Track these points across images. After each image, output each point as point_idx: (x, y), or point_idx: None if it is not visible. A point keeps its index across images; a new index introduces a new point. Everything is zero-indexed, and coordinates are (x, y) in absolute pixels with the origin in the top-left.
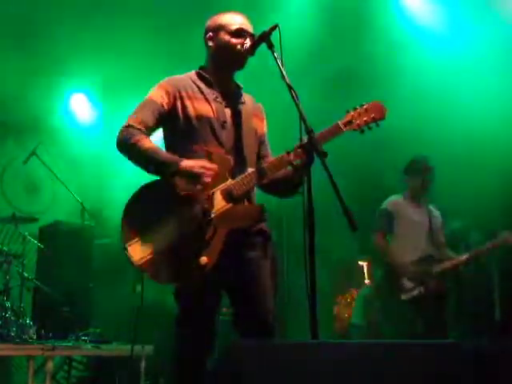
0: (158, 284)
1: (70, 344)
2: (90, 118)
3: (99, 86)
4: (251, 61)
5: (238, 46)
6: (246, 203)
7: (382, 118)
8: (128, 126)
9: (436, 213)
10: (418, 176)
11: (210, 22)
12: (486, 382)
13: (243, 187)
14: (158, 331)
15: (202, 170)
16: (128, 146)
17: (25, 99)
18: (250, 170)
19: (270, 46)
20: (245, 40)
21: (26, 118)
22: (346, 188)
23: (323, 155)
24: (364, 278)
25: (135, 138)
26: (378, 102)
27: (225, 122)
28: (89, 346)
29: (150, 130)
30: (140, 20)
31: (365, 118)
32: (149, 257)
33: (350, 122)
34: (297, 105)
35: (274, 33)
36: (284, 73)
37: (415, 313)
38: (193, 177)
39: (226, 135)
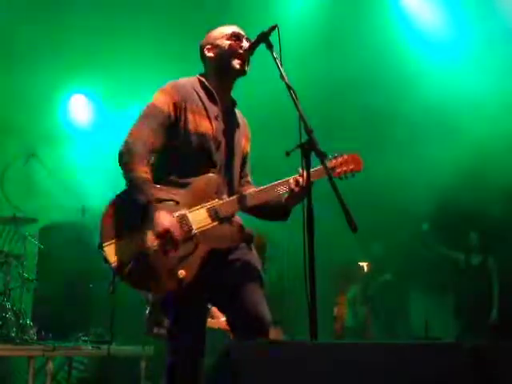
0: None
1: (70, 344)
2: (89, 119)
3: (99, 86)
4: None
5: (237, 47)
6: (230, 224)
7: (359, 170)
8: (131, 142)
9: None
10: None
11: (204, 39)
12: (485, 382)
13: (229, 209)
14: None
15: (165, 233)
16: (124, 168)
17: (25, 100)
18: (238, 193)
19: (269, 47)
20: (242, 42)
21: (27, 118)
22: (346, 189)
23: (322, 156)
24: (364, 279)
25: (133, 161)
26: (356, 155)
27: (220, 142)
28: (89, 346)
29: (153, 147)
30: (140, 21)
31: (344, 168)
32: (125, 261)
33: (332, 169)
34: (296, 105)
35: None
36: (283, 73)
37: None
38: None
39: (219, 155)
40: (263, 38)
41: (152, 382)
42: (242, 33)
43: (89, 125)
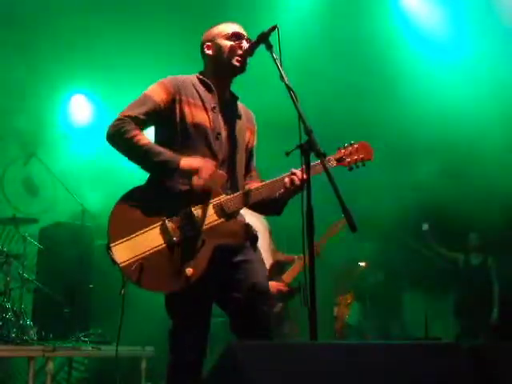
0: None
1: (70, 345)
2: (89, 119)
3: (99, 87)
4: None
5: (237, 48)
6: (236, 221)
7: (370, 159)
8: (122, 120)
9: None
10: None
11: (204, 36)
12: (485, 383)
13: (235, 205)
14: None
15: (201, 165)
16: (122, 140)
17: (25, 100)
18: (244, 188)
19: (269, 47)
20: (242, 42)
21: (27, 118)
22: (346, 189)
23: (322, 156)
24: (364, 279)
25: (131, 132)
26: (366, 143)
27: (219, 133)
28: (89, 346)
29: (142, 127)
30: (140, 22)
31: (355, 157)
32: (133, 261)
33: (341, 159)
34: (296, 106)
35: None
36: (283, 73)
37: None
38: (192, 173)
39: (220, 147)
40: (263, 38)
41: (152, 382)
42: (243, 32)
43: (89, 125)
